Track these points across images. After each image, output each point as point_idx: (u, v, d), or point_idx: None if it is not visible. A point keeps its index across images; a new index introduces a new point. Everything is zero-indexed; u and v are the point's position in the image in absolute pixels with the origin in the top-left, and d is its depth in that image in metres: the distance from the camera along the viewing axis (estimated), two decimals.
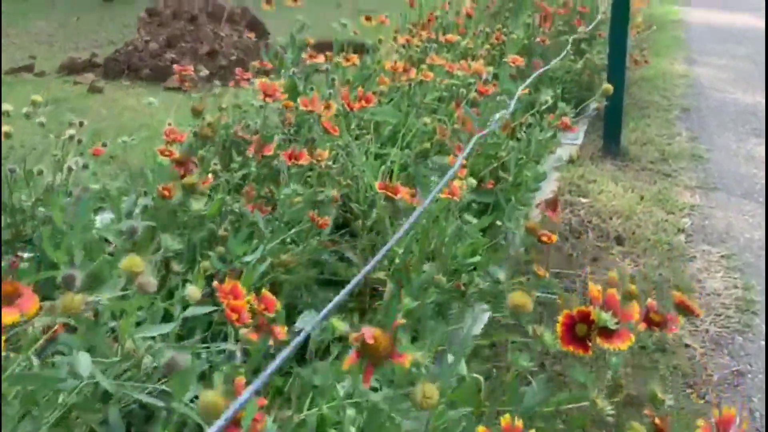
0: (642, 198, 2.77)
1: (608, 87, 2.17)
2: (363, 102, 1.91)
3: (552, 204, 1.62)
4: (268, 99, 1.77)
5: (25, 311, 0.88)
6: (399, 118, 2.27)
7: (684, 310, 0.95)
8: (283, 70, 2.64)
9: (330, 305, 0.71)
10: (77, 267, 1.08)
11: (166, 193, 1.30)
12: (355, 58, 2.35)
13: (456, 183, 1.85)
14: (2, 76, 4.37)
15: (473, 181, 1.82)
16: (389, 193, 1.51)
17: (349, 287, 0.74)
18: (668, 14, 8.21)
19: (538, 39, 3.46)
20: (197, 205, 1.24)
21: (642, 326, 0.99)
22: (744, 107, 4.27)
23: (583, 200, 2.76)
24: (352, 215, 2.04)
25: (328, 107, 2.02)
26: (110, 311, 1.05)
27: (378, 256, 0.79)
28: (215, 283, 1.04)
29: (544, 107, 2.24)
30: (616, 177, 3.01)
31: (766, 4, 7.79)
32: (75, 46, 5.68)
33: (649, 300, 1.05)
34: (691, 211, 2.69)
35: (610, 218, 2.58)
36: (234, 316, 0.99)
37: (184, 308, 1.18)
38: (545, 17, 2.97)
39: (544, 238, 1.41)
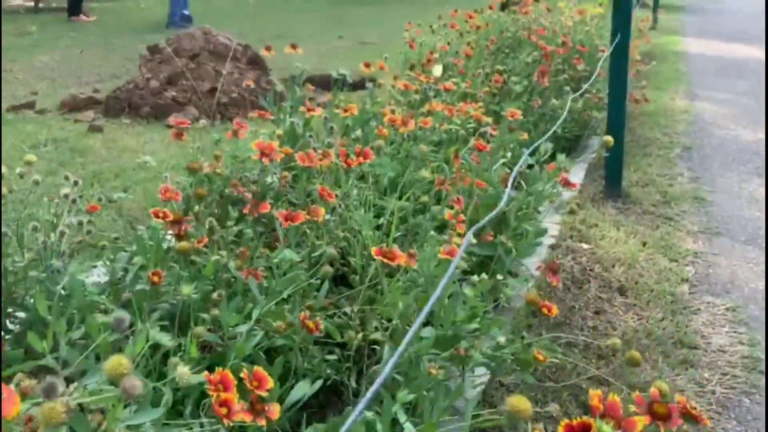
0: (644, 244, 2.74)
1: (609, 139, 2.16)
2: (361, 158, 1.89)
3: (553, 269, 1.59)
4: (265, 159, 1.75)
5: (6, 414, 0.86)
6: (397, 171, 2.26)
7: (689, 419, 0.92)
8: (282, 115, 2.63)
9: None
10: (64, 355, 1.06)
11: (155, 279, 1.27)
12: (353, 108, 2.33)
13: (455, 240, 1.83)
14: (3, 114, 4.38)
15: (473, 240, 1.79)
16: (386, 260, 1.49)
17: (346, 426, 0.71)
18: (669, 44, 8.25)
19: (536, 79, 3.46)
20: (187, 290, 1.21)
21: (646, 419, 0.96)
22: (746, 145, 4.26)
23: (585, 246, 2.73)
24: (349, 268, 2.01)
25: (326, 156, 2.00)
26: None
27: (373, 388, 0.76)
28: (205, 373, 1.01)
29: (543, 158, 2.22)
30: (618, 221, 2.98)
31: (765, 37, 7.83)
32: (77, 81, 5.71)
33: (652, 389, 1.01)
34: (695, 259, 2.66)
35: (613, 266, 2.55)
36: (223, 411, 0.96)
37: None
38: (543, 72, 2.96)
39: (545, 311, 1.38)
